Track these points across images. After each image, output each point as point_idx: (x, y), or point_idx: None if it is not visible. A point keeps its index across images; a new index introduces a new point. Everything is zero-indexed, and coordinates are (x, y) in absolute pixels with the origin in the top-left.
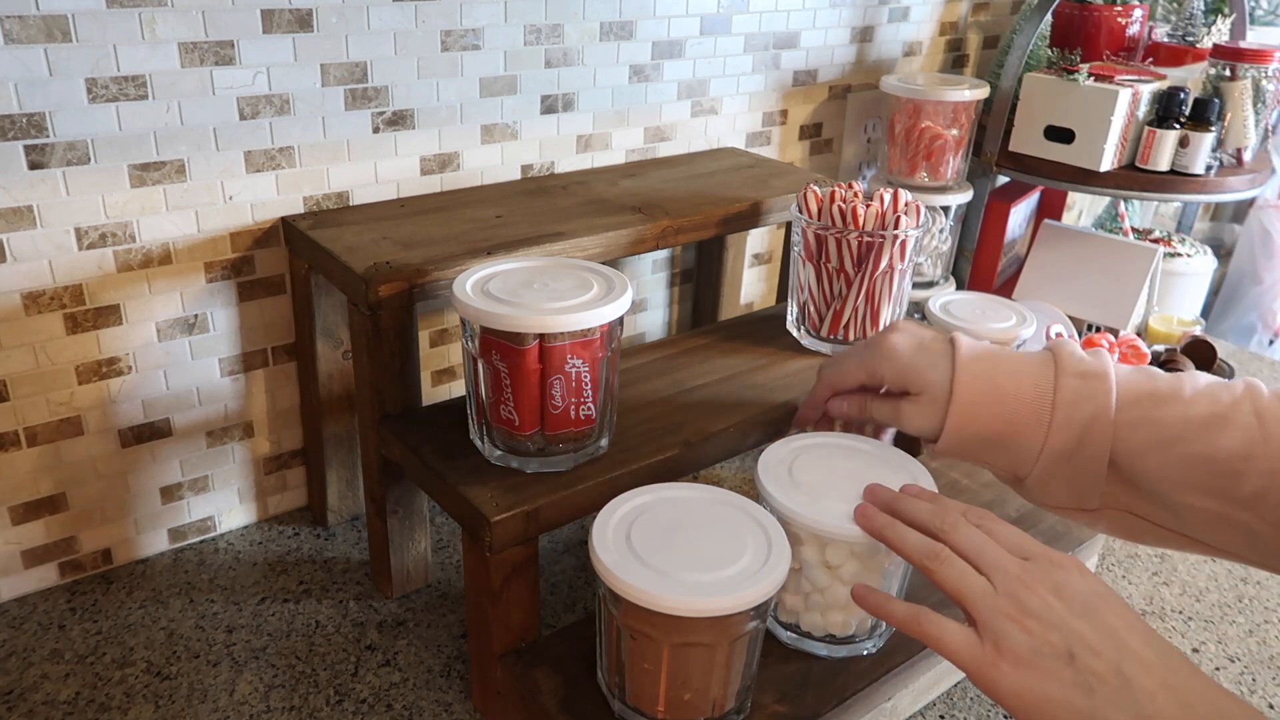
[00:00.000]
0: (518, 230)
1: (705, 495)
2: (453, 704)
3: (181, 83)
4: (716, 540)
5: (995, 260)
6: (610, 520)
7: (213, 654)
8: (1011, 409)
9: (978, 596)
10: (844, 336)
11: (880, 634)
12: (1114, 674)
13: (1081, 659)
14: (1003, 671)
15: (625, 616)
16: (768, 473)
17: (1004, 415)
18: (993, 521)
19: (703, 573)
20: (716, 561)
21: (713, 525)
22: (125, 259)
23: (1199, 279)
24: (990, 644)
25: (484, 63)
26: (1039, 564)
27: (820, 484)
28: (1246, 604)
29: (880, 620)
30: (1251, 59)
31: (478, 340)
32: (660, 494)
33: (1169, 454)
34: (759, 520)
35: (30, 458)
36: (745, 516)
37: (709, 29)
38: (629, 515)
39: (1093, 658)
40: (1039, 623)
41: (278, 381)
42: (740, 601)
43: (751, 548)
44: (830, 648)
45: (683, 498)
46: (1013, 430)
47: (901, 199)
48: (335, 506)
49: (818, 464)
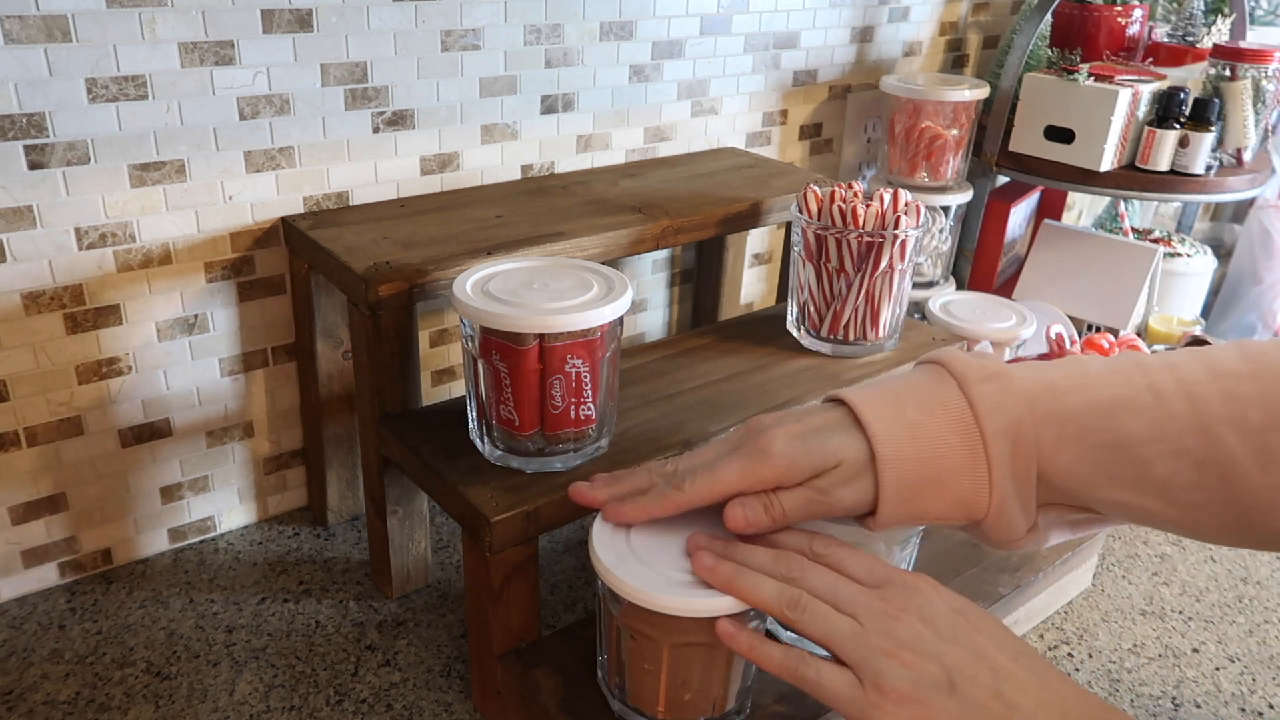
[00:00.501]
0: (518, 230)
1: None
2: (453, 704)
3: (181, 83)
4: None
5: (995, 260)
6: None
7: (213, 654)
8: (938, 441)
9: (847, 638)
10: (844, 336)
11: None
12: (994, 698)
13: (962, 687)
14: (887, 712)
15: (625, 616)
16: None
17: (931, 454)
18: (837, 550)
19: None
20: None
21: (712, 524)
22: (125, 259)
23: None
24: (871, 685)
25: (484, 63)
26: (896, 590)
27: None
28: (1246, 604)
29: None
30: (1251, 59)
31: (478, 340)
32: None
33: (1077, 448)
34: None
35: (30, 458)
36: None
37: (709, 29)
38: None
39: (971, 685)
40: (914, 654)
41: (278, 381)
42: (739, 602)
43: None
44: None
45: None
46: (949, 465)
47: (901, 199)
48: (335, 506)
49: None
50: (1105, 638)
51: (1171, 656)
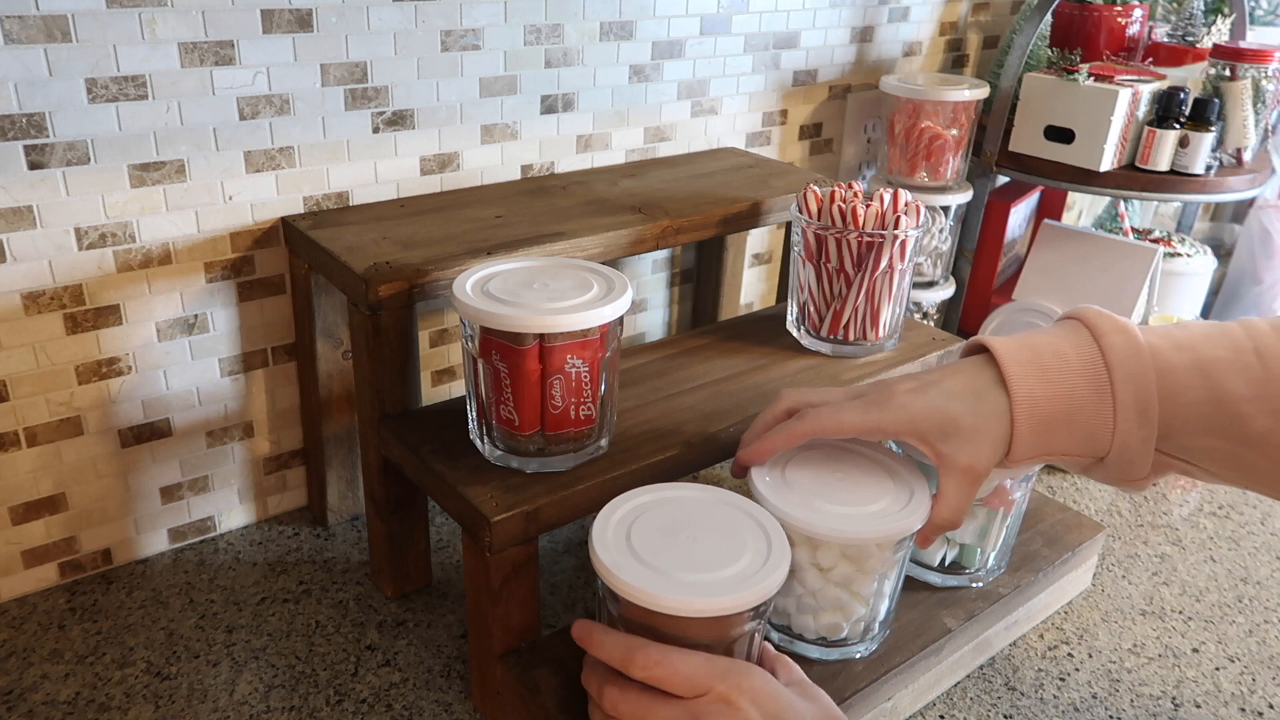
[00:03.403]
0: (518, 230)
1: (705, 495)
2: (453, 704)
3: (181, 83)
4: (716, 540)
5: (995, 260)
6: (610, 520)
7: (213, 654)
8: (1069, 383)
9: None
10: (844, 336)
11: (873, 637)
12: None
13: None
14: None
15: (624, 615)
16: (761, 474)
17: (1063, 393)
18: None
19: (702, 573)
20: (716, 562)
21: (713, 525)
22: (125, 259)
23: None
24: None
25: (484, 63)
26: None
27: (814, 486)
28: (1246, 604)
29: (874, 623)
30: (1251, 59)
31: (478, 340)
32: (661, 494)
33: (1181, 400)
34: (759, 521)
35: (30, 458)
36: (745, 517)
37: (709, 29)
38: (629, 515)
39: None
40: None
41: (278, 381)
42: (739, 602)
43: (751, 548)
44: (822, 650)
45: (683, 498)
46: (1078, 404)
47: (901, 199)
48: (335, 506)
49: (811, 464)
50: (1105, 638)
51: (1171, 656)
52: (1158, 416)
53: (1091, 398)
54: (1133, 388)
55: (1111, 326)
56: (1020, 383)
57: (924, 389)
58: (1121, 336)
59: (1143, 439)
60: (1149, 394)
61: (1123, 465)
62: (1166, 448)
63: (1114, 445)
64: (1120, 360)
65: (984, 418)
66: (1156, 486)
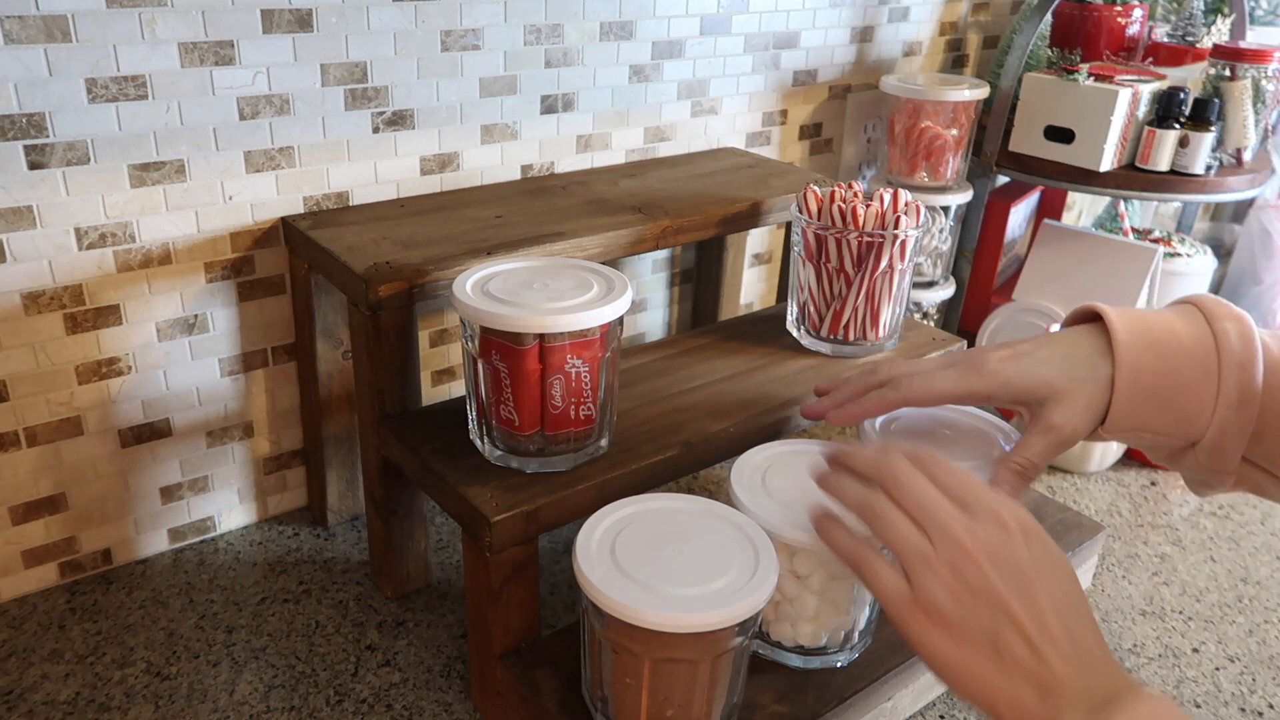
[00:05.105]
0: (518, 230)
1: (692, 506)
2: (452, 704)
3: (181, 83)
4: (702, 553)
5: (995, 260)
6: (595, 532)
7: (213, 654)
8: (1175, 360)
9: (914, 555)
10: (844, 336)
11: (853, 646)
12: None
13: (1001, 645)
14: (925, 629)
15: (607, 630)
16: (740, 480)
17: (1167, 368)
18: (934, 465)
19: (687, 586)
20: (702, 575)
21: (699, 537)
22: (125, 259)
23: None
24: (921, 603)
25: (484, 63)
26: (980, 522)
27: (792, 491)
28: (1246, 604)
29: (853, 632)
30: (1251, 59)
31: (478, 340)
32: (646, 505)
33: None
34: (746, 533)
35: (30, 458)
36: (732, 528)
37: (709, 29)
38: (614, 526)
39: (1010, 646)
40: (971, 595)
41: (278, 381)
42: (725, 617)
43: (738, 561)
44: (803, 659)
45: (669, 509)
46: (1182, 382)
47: (901, 199)
48: (335, 506)
49: (791, 471)
50: (1105, 638)
51: (1171, 656)
52: (1258, 410)
53: (1197, 377)
54: (1239, 376)
55: (1226, 313)
56: (1128, 351)
57: (1018, 356)
58: (1235, 324)
59: (1239, 429)
60: (1253, 385)
61: (1215, 453)
62: (1254, 455)
63: (1210, 432)
64: (1231, 347)
65: (1082, 383)
66: (1156, 486)
